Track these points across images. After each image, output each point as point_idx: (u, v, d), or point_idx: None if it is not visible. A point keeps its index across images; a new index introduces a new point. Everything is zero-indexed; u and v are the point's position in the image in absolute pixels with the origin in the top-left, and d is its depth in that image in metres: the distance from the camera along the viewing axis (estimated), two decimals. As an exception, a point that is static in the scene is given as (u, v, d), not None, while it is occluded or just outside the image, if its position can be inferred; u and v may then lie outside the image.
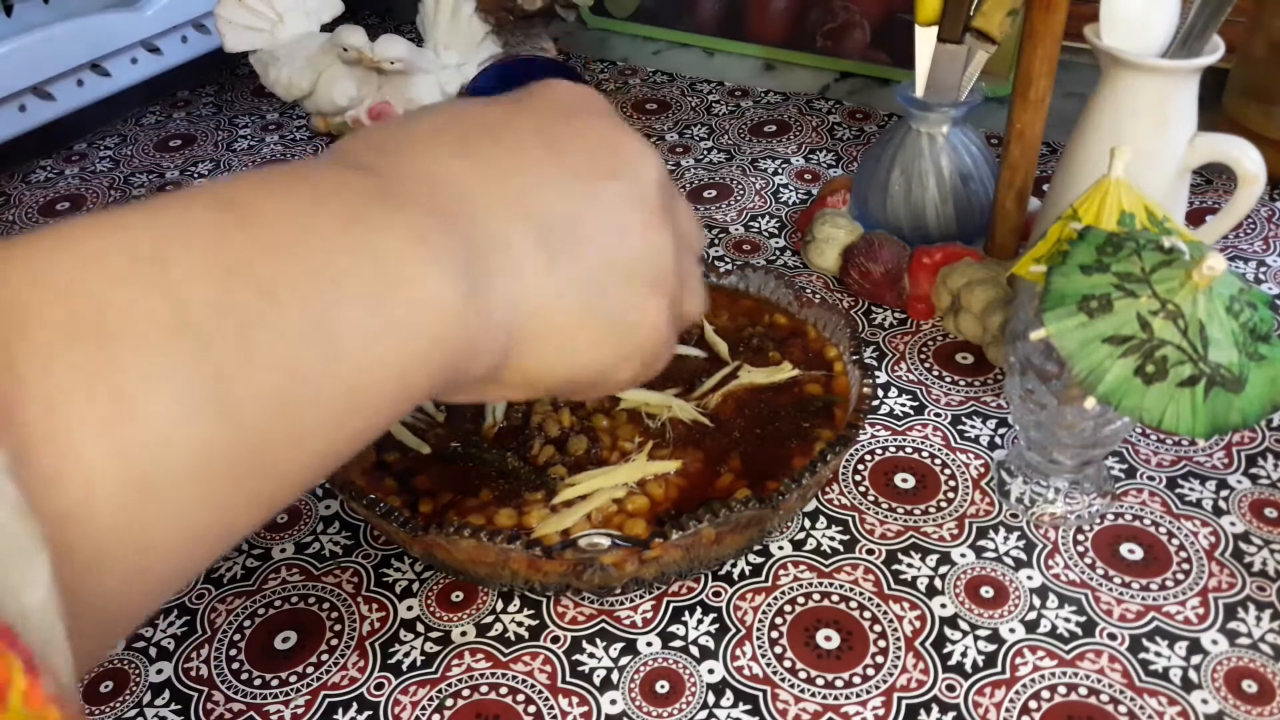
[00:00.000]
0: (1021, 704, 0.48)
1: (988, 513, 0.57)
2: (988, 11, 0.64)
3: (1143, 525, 0.56)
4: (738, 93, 1.00)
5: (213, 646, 0.53)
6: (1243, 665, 0.49)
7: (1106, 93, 0.62)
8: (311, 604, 0.54)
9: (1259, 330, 0.45)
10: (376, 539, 0.58)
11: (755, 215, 0.83)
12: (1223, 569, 0.53)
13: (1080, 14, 0.62)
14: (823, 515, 0.57)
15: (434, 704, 0.49)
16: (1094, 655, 0.49)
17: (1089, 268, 0.45)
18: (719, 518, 0.47)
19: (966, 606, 0.52)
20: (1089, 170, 0.61)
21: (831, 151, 0.90)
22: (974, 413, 0.63)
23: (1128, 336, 0.44)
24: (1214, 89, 0.79)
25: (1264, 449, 0.60)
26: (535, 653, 0.51)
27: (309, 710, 0.49)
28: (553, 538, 0.49)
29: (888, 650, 0.50)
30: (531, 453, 0.55)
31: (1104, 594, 0.52)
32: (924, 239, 0.72)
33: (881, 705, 0.48)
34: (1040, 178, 0.81)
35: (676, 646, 0.51)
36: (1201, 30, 0.60)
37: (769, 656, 0.50)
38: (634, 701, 0.49)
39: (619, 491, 0.52)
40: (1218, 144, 0.62)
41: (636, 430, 0.56)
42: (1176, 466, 0.59)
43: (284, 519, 0.59)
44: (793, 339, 0.61)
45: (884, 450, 0.61)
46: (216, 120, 1.02)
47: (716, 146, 0.92)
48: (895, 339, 0.69)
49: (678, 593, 0.54)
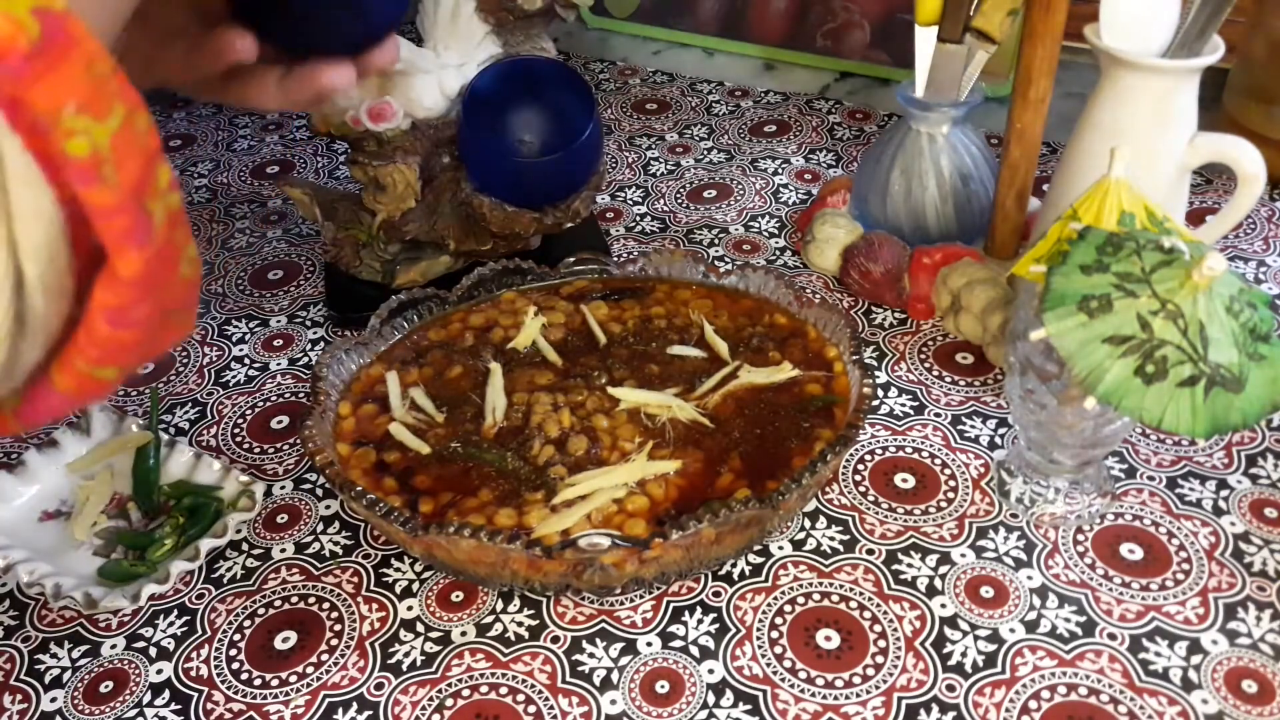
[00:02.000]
0: (1021, 704, 0.48)
1: (988, 513, 0.57)
2: (988, 11, 0.64)
3: (1143, 525, 0.56)
4: (738, 93, 1.00)
5: (213, 646, 0.53)
6: (1243, 665, 0.49)
7: (1106, 93, 0.62)
8: (311, 604, 0.54)
9: (1259, 330, 0.45)
10: (376, 539, 0.58)
11: (755, 215, 0.83)
12: (1223, 569, 0.53)
13: (1080, 14, 0.62)
14: (823, 515, 0.57)
15: (434, 704, 0.49)
16: (1094, 655, 0.49)
17: (1089, 268, 0.45)
18: (719, 518, 0.47)
19: (966, 606, 0.52)
20: (1089, 170, 0.61)
21: (831, 151, 0.90)
22: (974, 413, 0.63)
23: (1128, 336, 0.44)
24: (1214, 89, 0.79)
25: (1264, 449, 0.60)
26: (535, 653, 0.51)
27: (309, 710, 0.49)
28: (553, 538, 0.49)
29: (888, 650, 0.50)
30: (531, 453, 0.55)
31: (1104, 594, 0.52)
32: (924, 239, 0.72)
33: (881, 705, 0.48)
34: (1040, 178, 0.81)
35: (676, 646, 0.51)
36: (1201, 30, 0.60)
37: (769, 656, 0.50)
38: (634, 701, 0.49)
39: (619, 491, 0.52)
40: (1218, 144, 0.62)
41: (636, 430, 0.56)
42: (1176, 466, 0.59)
43: (284, 519, 0.59)
44: (793, 339, 0.61)
45: (884, 450, 0.61)
46: (216, 120, 1.02)
47: (716, 146, 0.92)
48: (895, 339, 0.69)
49: (678, 593, 0.54)
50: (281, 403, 0.67)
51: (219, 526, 0.56)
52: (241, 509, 0.57)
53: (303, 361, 0.71)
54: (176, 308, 0.28)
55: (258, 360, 0.71)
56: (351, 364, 0.60)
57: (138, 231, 0.25)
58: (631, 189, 0.87)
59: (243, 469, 0.62)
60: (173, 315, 0.28)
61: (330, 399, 0.57)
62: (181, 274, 0.27)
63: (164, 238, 0.26)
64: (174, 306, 0.28)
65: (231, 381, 0.69)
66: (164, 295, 0.27)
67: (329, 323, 0.74)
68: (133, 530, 0.58)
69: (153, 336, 0.28)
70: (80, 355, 0.26)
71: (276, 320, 0.75)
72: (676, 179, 0.88)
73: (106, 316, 0.26)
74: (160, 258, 0.26)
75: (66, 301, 0.26)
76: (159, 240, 0.26)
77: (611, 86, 1.03)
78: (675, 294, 0.65)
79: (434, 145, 0.69)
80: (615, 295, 0.65)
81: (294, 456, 0.63)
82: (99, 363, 0.27)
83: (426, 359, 0.61)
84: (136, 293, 0.26)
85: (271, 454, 0.64)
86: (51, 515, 0.59)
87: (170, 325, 0.29)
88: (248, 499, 0.58)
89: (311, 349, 0.72)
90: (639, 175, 0.88)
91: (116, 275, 0.25)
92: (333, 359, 0.59)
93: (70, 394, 0.27)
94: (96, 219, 0.24)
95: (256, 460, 0.63)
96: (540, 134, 0.71)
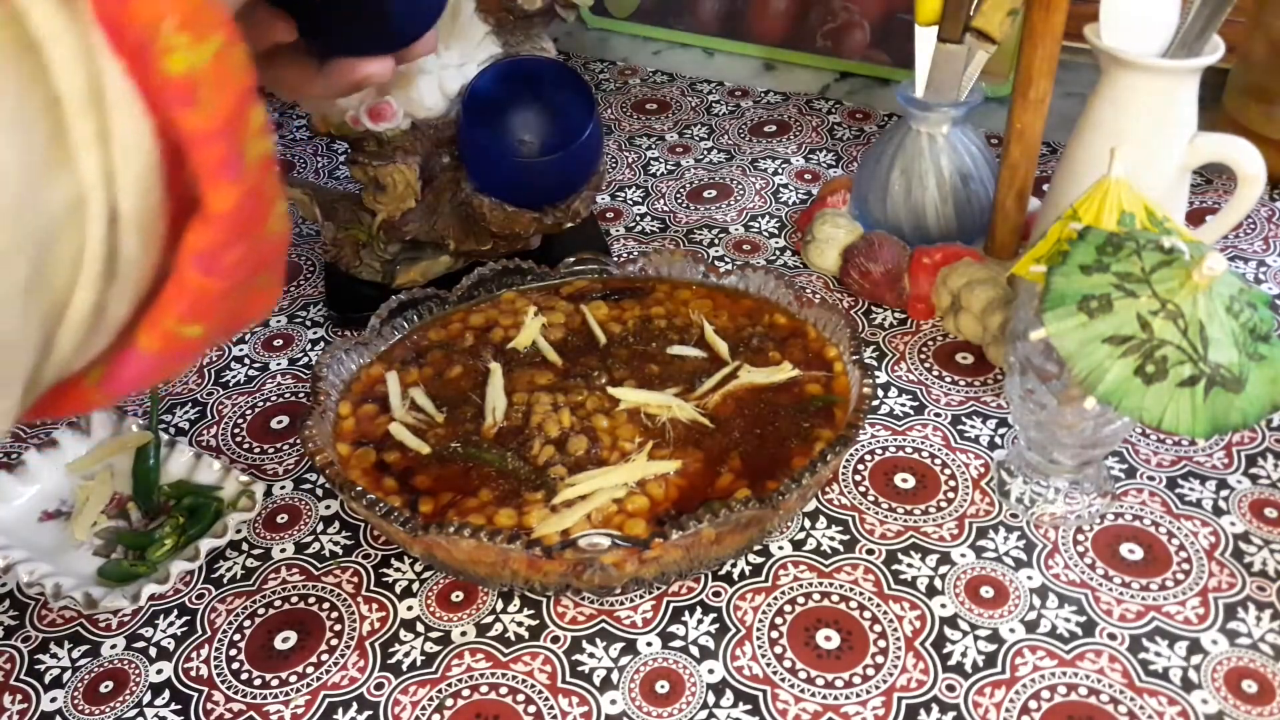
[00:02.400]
0: (1021, 704, 0.48)
1: (988, 513, 0.57)
2: (988, 11, 0.64)
3: (1143, 525, 0.56)
4: (738, 93, 1.00)
5: (213, 646, 0.53)
6: (1243, 665, 0.49)
7: (1106, 93, 0.62)
8: (311, 604, 0.54)
9: (1259, 330, 0.45)
10: (376, 539, 0.58)
11: (755, 215, 0.83)
12: (1223, 569, 0.53)
13: (1080, 14, 0.62)
14: (823, 515, 0.57)
15: (434, 704, 0.49)
16: (1094, 655, 0.49)
17: (1089, 268, 0.45)
18: (719, 518, 0.47)
19: (966, 606, 0.52)
20: (1089, 170, 0.61)
21: (831, 151, 0.90)
22: (974, 413, 0.63)
23: (1128, 336, 0.44)
24: (1214, 89, 0.79)
25: (1264, 449, 0.60)
26: (535, 653, 0.51)
27: (309, 710, 0.49)
28: (553, 538, 0.49)
29: (888, 650, 0.50)
30: (531, 453, 0.55)
31: (1104, 594, 0.52)
32: (924, 239, 0.72)
33: (881, 705, 0.48)
34: (1040, 178, 0.81)
35: (676, 646, 0.51)
36: (1201, 30, 0.60)
37: (769, 656, 0.50)
38: (634, 701, 0.49)
39: (619, 491, 0.52)
40: (1218, 144, 0.62)
41: (636, 430, 0.56)
42: (1176, 466, 0.59)
43: (284, 519, 0.59)
44: (793, 339, 0.61)
45: (884, 450, 0.61)
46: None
47: (716, 146, 0.92)
48: (895, 339, 0.69)
49: (678, 593, 0.54)
50: (281, 403, 0.67)
51: (219, 526, 0.56)
52: (241, 509, 0.57)
53: (303, 361, 0.71)
54: (265, 265, 0.27)
55: (258, 360, 0.71)
56: (351, 364, 0.60)
57: (233, 163, 0.24)
58: (631, 189, 0.87)
59: (243, 469, 0.62)
60: (260, 275, 0.28)
61: (330, 399, 0.57)
62: (271, 227, 0.27)
63: (257, 178, 0.25)
64: (263, 262, 0.27)
65: (231, 381, 0.69)
66: (255, 244, 0.26)
67: (329, 323, 0.74)
68: (133, 530, 0.58)
69: (241, 293, 0.27)
70: (169, 310, 0.26)
71: (276, 320, 0.75)
72: (676, 179, 0.88)
73: (198, 261, 0.25)
74: (253, 197, 0.25)
75: (157, 248, 0.25)
76: (251, 179, 0.25)
77: (611, 86, 1.03)
78: (675, 294, 0.65)
79: (434, 145, 0.69)
80: (615, 295, 0.65)
81: (294, 456, 0.63)
82: (187, 318, 0.26)
83: (426, 359, 0.61)
84: (229, 232, 0.25)
85: (271, 454, 0.64)
86: (51, 515, 0.59)
87: (257, 289, 0.28)
88: (248, 499, 0.58)
89: (311, 349, 0.72)
90: (639, 175, 0.88)
91: (209, 212, 0.25)
92: (333, 359, 0.59)
93: (156, 356, 0.27)
94: (192, 146, 0.24)
95: (256, 460, 0.63)
96: (540, 134, 0.71)
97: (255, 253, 0.27)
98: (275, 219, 0.27)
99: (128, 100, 0.23)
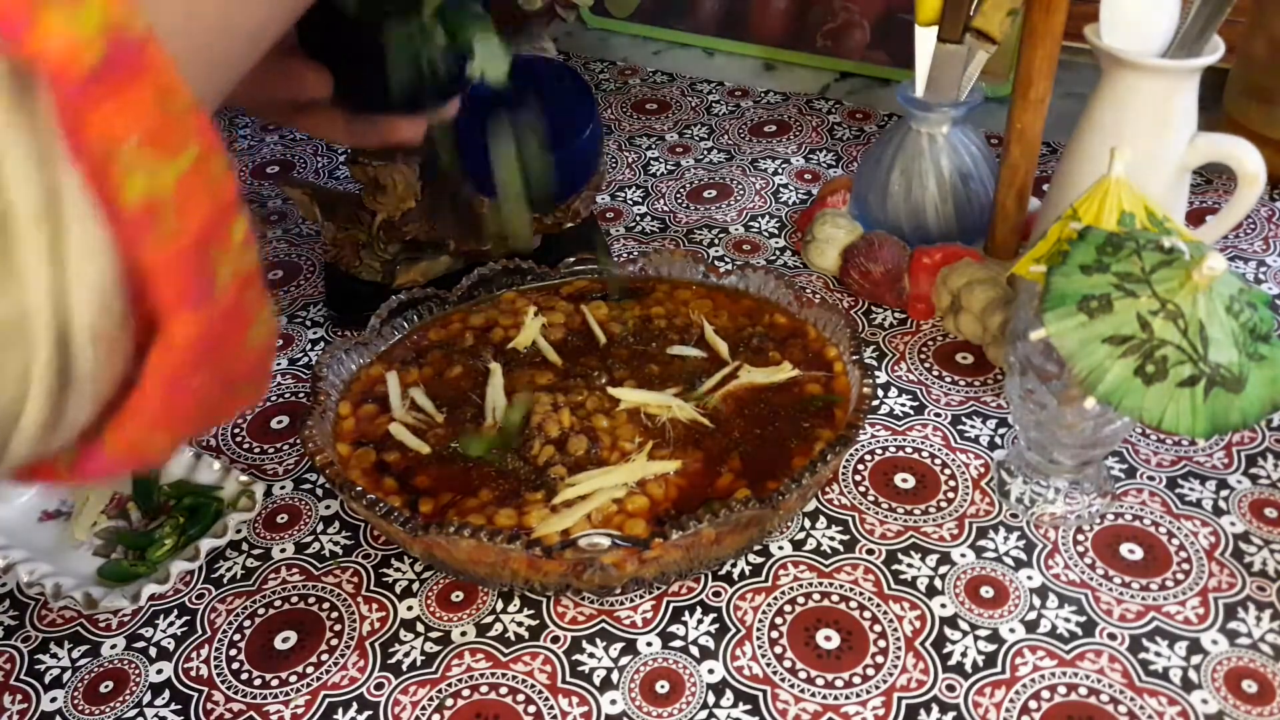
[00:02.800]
0: (1021, 704, 0.48)
1: (988, 513, 0.57)
2: (988, 11, 0.64)
3: (1143, 525, 0.56)
4: (738, 93, 1.00)
5: (213, 646, 0.53)
6: (1243, 665, 0.49)
7: (1106, 93, 0.62)
8: (311, 604, 0.54)
9: (1259, 330, 0.45)
10: (376, 539, 0.58)
11: (755, 215, 0.83)
12: (1223, 569, 0.53)
13: (1080, 14, 0.62)
14: (823, 515, 0.57)
15: (434, 704, 0.49)
16: (1094, 655, 0.49)
17: (1089, 268, 0.45)
18: (719, 518, 0.47)
19: (966, 606, 0.52)
20: (1089, 170, 0.61)
21: (831, 151, 0.90)
22: (974, 413, 0.63)
23: (1128, 336, 0.44)
24: (1214, 89, 0.79)
25: (1264, 449, 0.60)
26: (535, 653, 0.51)
27: (309, 710, 0.49)
28: (553, 538, 0.49)
29: (888, 650, 0.50)
30: (531, 453, 0.55)
31: (1104, 594, 0.52)
32: (924, 239, 0.72)
33: (881, 705, 0.48)
34: (1040, 178, 0.81)
35: (676, 646, 0.51)
36: (1201, 30, 0.60)
37: (769, 656, 0.50)
38: (634, 701, 0.49)
39: (619, 491, 0.52)
40: (1218, 144, 0.62)
41: (636, 430, 0.56)
42: (1176, 466, 0.59)
43: (284, 519, 0.59)
44: (793, 339, 0.61)
45: (884, 450, 0.61)
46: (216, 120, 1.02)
47: (716, 146, 0.92)
48: (895, 339, 0.69)
49: (678, 593, 0.54)
50: (281, 403, 0.67)
51: (219, 526, 0.56)
52: (241, 509, 0.57)
53: (303, 361, 0.71)
54: (242, 379, 0.26)
55: (258, 360, 0.71)
56: (351, 364, 0.60)
57: (195, 291, 0.23)
58: (631, 189, 0.87)
59: (243, 469, 0.62)
60: (239, 386, 0.26)
61: (330, 399, 0.57)
62: (249, 343, 0.25)
63: (230, 301, 0.23)
64: (239, 378, 0.26)
65: (231, 381, 0.69)
66: (226, 366, 0.25)
67: (329, 323, 0.74)
68: (133, 530, 0.58)
69: (213, 408, 0.26)
70: (134, 420, 0.24)
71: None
72: (676, 179, 0.88)
73: (162, 383, 0.24)
74: (224, 322, 0.24)
75: (121, 358, 0.23)
76: (223, 303, 0.23)
77: (611, 86, 1.03)
78: (675, 294, 0.65)
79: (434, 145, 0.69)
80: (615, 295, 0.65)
81: (294, 456, 0.63)
82: (155, 428, 0.25)
83: (426, 359, 0.61)
84: (193, 361, 0.23)
85: (271, 454, 0.64)
86: (51, 515, 0.59)
87: (235, 396, 0.26)
88: (248, 499, 0.58)
89: (311, 349, 0.72)
90: (639, 175, 0.88)
91: (170, 339, 0.23)
92: (333, 359, 0.59)
93: (120, 458, 0.25)
94: (148, 275, 0.22)
95: (256, 460, 0.63)
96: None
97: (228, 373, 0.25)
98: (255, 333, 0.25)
99: (84, 214, 0.21)
